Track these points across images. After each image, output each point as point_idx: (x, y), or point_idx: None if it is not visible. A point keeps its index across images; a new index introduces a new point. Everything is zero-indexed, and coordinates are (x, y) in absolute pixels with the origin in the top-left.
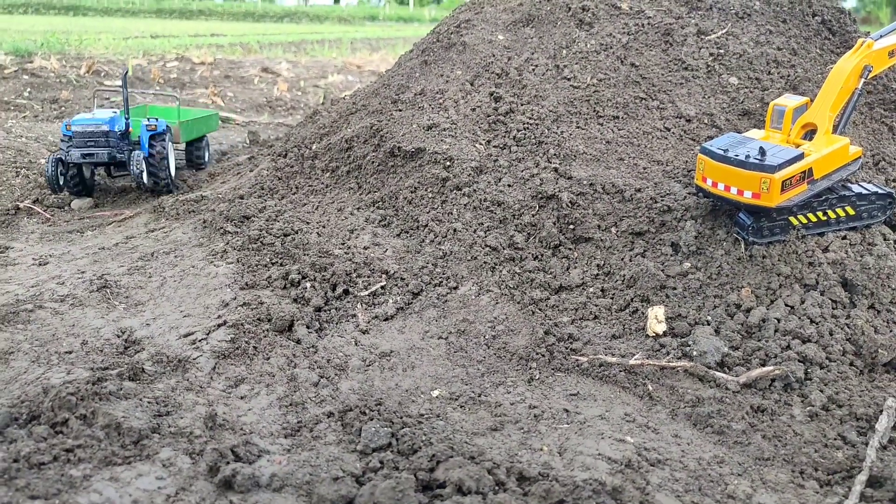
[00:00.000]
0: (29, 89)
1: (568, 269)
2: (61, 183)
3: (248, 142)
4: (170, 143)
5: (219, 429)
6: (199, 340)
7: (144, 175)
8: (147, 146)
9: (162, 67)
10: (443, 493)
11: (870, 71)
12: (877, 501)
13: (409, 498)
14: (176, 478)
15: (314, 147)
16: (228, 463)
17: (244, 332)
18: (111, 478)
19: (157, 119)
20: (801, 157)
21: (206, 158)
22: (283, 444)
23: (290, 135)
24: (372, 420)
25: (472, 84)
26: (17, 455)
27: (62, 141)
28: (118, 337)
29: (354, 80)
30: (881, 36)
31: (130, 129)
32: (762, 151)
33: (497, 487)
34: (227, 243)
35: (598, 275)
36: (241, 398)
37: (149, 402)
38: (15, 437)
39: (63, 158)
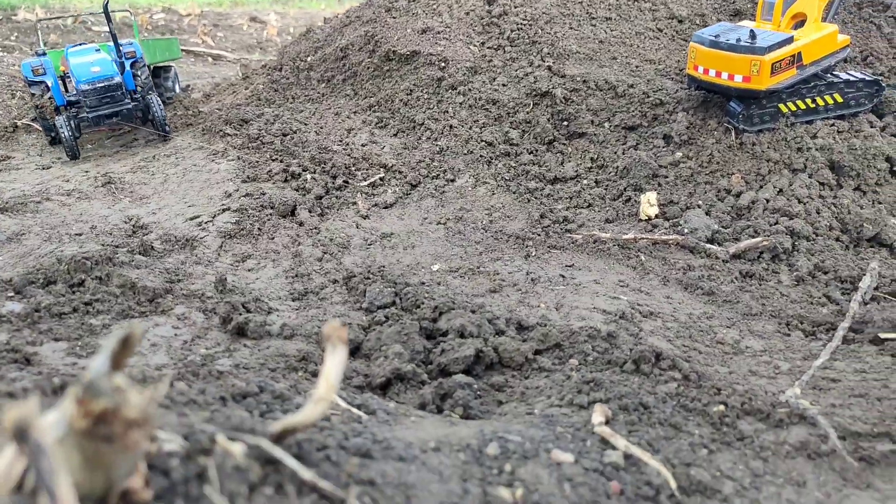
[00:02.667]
0: (16, 34)
1: (562, 162)
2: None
3: (239, 75)
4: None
5: (229, 292)
6: (205, 223)
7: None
8: (132, 78)
9: (149, 20)
10: (445, 339)
11: None
12: (858, 342)
13: (413, 339)
14: (191, 328)
15: (309, 59)
16: (241, 314)
17: (248, 216)
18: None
19: (130, 43)
20: (790, 40)
21: (176, 90)
22: (291, 305)
23: (285, 51)
24: (375, 282)
25: None
26: (37, 305)
27: (31, 86)
28: (126, 223)
29: None
30: None
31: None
32: (752, 35)
33: (497, 334)
34: (227, 144)
35: (591, 167)
36: (249, 270)
37: (160, 272)
38: (34, 294)
39: (75, 120)
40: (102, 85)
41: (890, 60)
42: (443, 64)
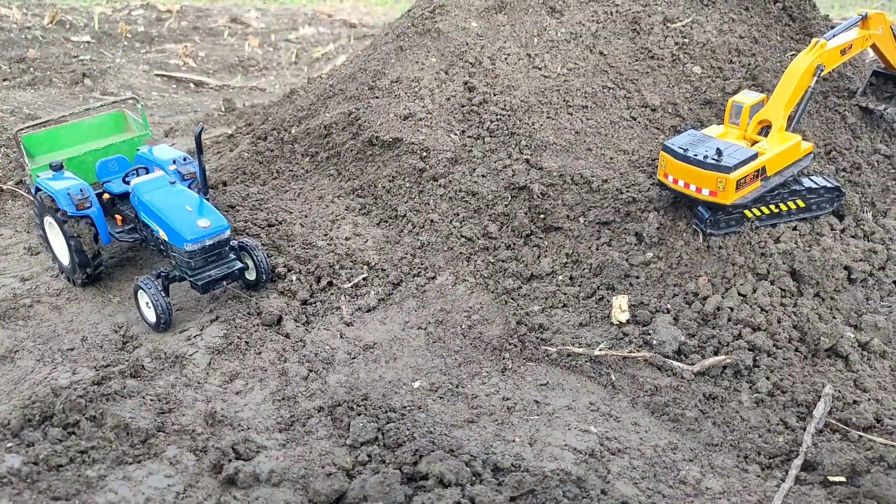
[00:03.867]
0: None
1: (539, 257)
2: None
3: (223, 109)
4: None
5: (218, 425)
6: (194, 337)
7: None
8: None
9: (127, 17)
10: (426, 484)
11: (822, 70)
12: (809, 484)
13: (395, 491)
14: (183, 475)
15: (293, 131)
16: (231, 461)
17: (236, 327)
18: (124, 477)
19: (186, 160)
20: (755, 156)
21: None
22: (279, 438)
23: (269, 115)
24: (360, 415)
25: (446, 73)
26: (35, 458)
27: (64, 222)
28: (116, 332)
29: (326, 33)
30: (833, 35)
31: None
32: (719, 152)
33: (474, 478)
34: None
35: (566, 263)
36: (237, 394)
37: (152, 401)
38: (32, 440)
39: (164, 281)
40: (212, 242)
41: (853, 155)
42: (424, 153)
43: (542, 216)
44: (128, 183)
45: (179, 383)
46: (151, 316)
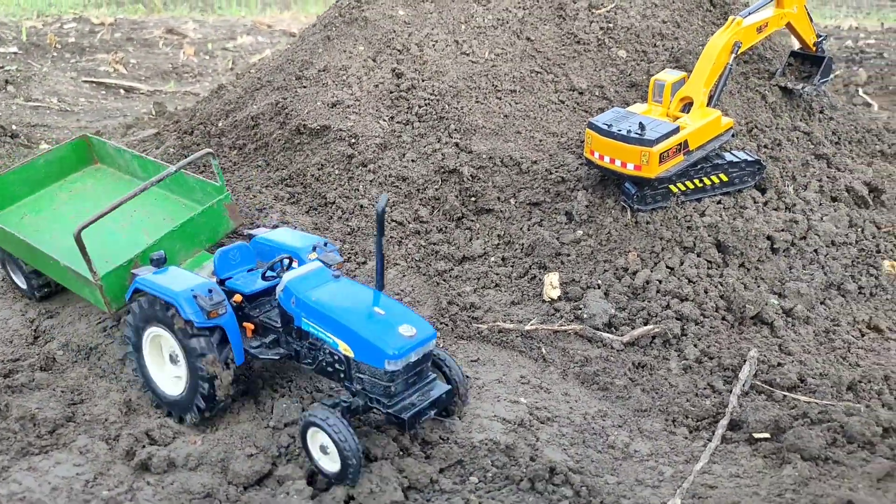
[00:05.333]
0: None
1: (471, 239)
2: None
3: (153, 113)
4: None
5: (133, 413)
6: (110, 328)
7: None
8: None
9: (59, 30)
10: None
11: (739, 47)
12: (735, 442)
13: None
14: (93, 464)
15: (220, 124)
16: (144, 446)
17: None
18: (29, 468)
19: (328, 245)
20: (676, 130)
21: None
22: (199, 424)
23: (196, 110)
24: (283, 397)
25: (374, 60)
26: None
27: (190, 337)
28: (27, 327)
29: (265, 42)
30: (749, 13)
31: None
32: (642, 126)
33: (402, 452)
34: None
35: (498, 244)
36: None
37: (62, 392)
38: None
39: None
40: (417, 357)
41: (773, 132)
42: (353, 140)
43: (472, 199)
44: (269, 279)
45: (93, 374)
46: (332, 463)
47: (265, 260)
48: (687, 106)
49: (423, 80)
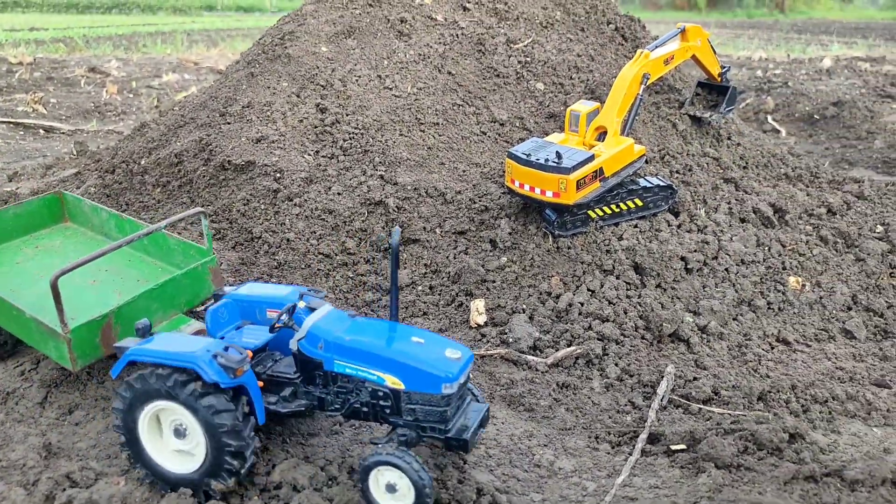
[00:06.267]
0: None
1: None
2: None
3: (74, 153)
4: None
5: (53, 457)
6: (29, 371)
7: None
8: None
9: None
10: (279, 493)
11: (648, 78)
12: (654, 455)
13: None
14: None
15: (143, 162)
16: (64, 490)
17: None
18: None
19: (315, 291)
20: (592, 158)
21: None
22: (122, 465)
23: (118, 149)
24: None
25: (298, 96)
26: None
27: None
28: None
29: (191, 79)
30: (656, 46)
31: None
32: (559, 155)
33: (330, 482)
34: None
35: (426, 273)
36: (76, 424)
37: None
38: None
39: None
40: (464, 380)
41: (684, 158)
42: (278, 175)
43: (399, 229)
44: (276, 330)
45: (10, 419)
46: (406, 500)
47: (247, 317)
48: (602, 135)
49: (347, 115)
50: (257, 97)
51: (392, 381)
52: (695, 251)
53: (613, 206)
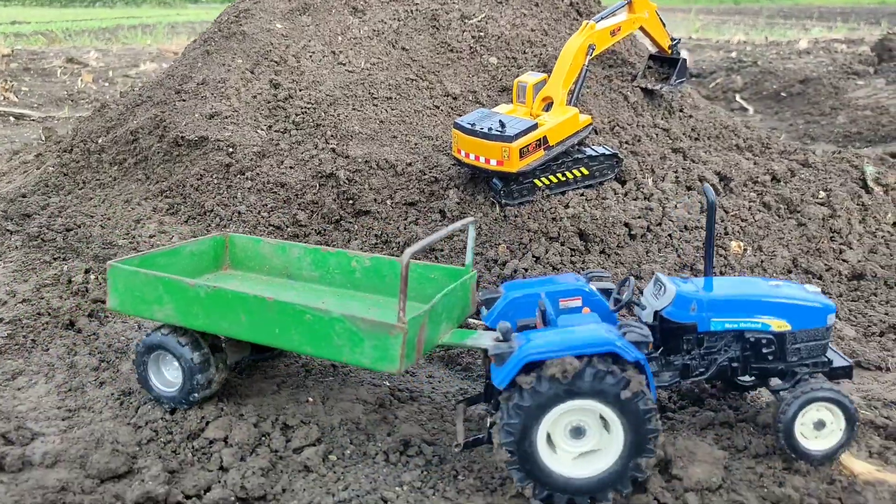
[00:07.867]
0: None
1: (349, 240)
2: None
3: (42, 138)
4: None
5: None
6: None
7: None
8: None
9: None
10: (211, 449)
11: (594, 49)
12: None
13: (180, 454)
14: None
15: (101, 141)
16: None
17: (23, 327)
18: None
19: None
20: (535, 127)
21: None
22: (60, 425)
23: (78, 129)
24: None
25: (252, 72)
26: None
27: None
28: None
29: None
30: (602, 18)
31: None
32: (502, 124)
33: (262, 438)
34: (6, 244)
35: (376, 243)
36: (18, 389)
37: None
38: None
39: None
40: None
41: (634, 129)
42: (231, 149)
43: (350, 201)
44: (620, 306)
45: None
46: (826, 440)
47: (521, 316)
48: (549, 105)
49: (300, 90)
50: (212, 74)
51: (778, 325)
52: (638, 217)
53: (560, 175)
